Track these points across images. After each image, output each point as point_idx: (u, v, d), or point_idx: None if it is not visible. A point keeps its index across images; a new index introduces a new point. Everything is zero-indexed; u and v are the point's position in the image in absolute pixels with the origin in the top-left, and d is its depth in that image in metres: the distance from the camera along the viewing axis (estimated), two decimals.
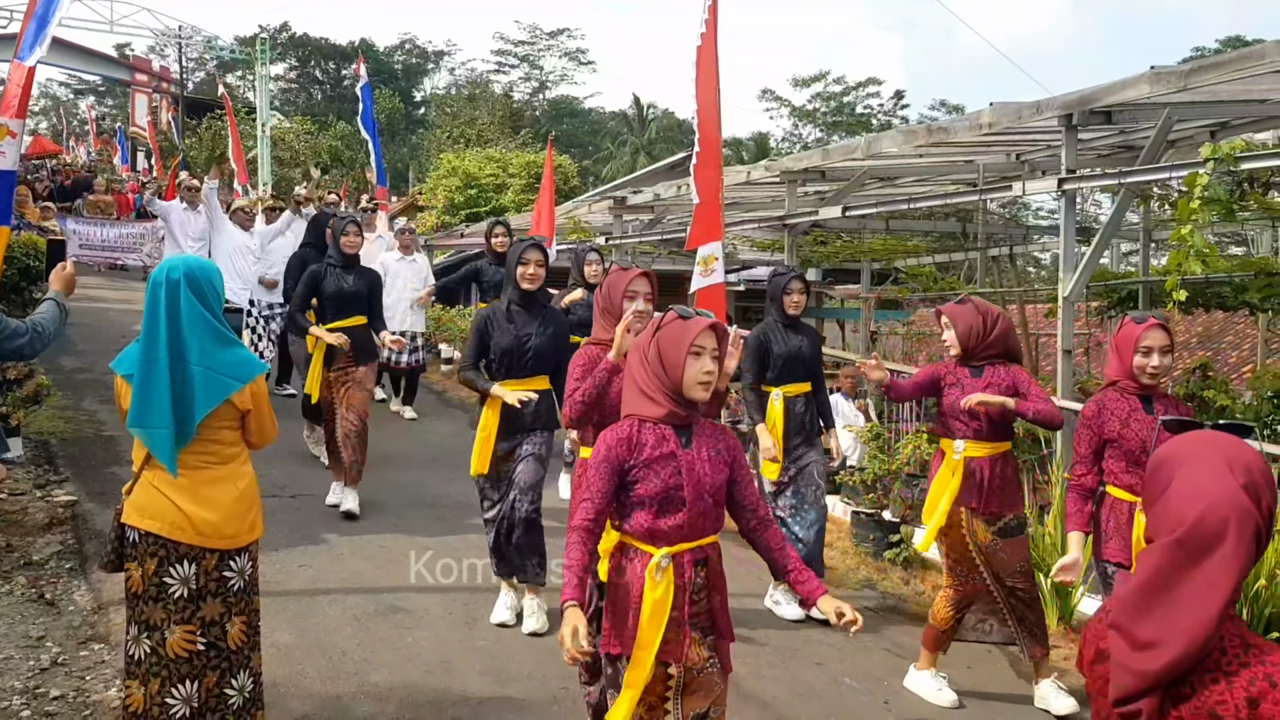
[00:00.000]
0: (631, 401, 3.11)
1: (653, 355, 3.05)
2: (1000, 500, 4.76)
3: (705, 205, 7.47)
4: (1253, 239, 14.12)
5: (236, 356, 3.46)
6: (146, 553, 3.37)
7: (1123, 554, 4.17)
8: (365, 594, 5.60)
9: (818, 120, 50.08)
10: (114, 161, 31.17)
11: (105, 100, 58.34)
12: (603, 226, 14.90)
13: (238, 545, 3.50)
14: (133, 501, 3.42)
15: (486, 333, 5.21)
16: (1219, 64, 6.12)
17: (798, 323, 6.05)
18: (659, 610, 2.96)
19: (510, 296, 5.27)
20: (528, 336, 5.18)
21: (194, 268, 3.46)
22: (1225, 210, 6.41)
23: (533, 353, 5.19)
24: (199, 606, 3.41)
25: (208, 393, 3.36)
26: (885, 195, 11.82)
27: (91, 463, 7.64)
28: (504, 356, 5.18)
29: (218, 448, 3.47)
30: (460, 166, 23.84)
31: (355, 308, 6.96)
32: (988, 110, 7.64)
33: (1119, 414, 4.24)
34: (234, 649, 3.50)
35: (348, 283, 6.97)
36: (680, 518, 2.99)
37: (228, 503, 3.45)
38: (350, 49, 56.34)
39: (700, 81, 7.40)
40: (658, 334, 3.07)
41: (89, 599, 5.34)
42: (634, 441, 3.02)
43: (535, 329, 5.21)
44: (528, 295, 5.25)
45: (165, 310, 3.35)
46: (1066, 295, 6.96)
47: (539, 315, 5.27)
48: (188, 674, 3.39)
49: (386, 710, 4.35)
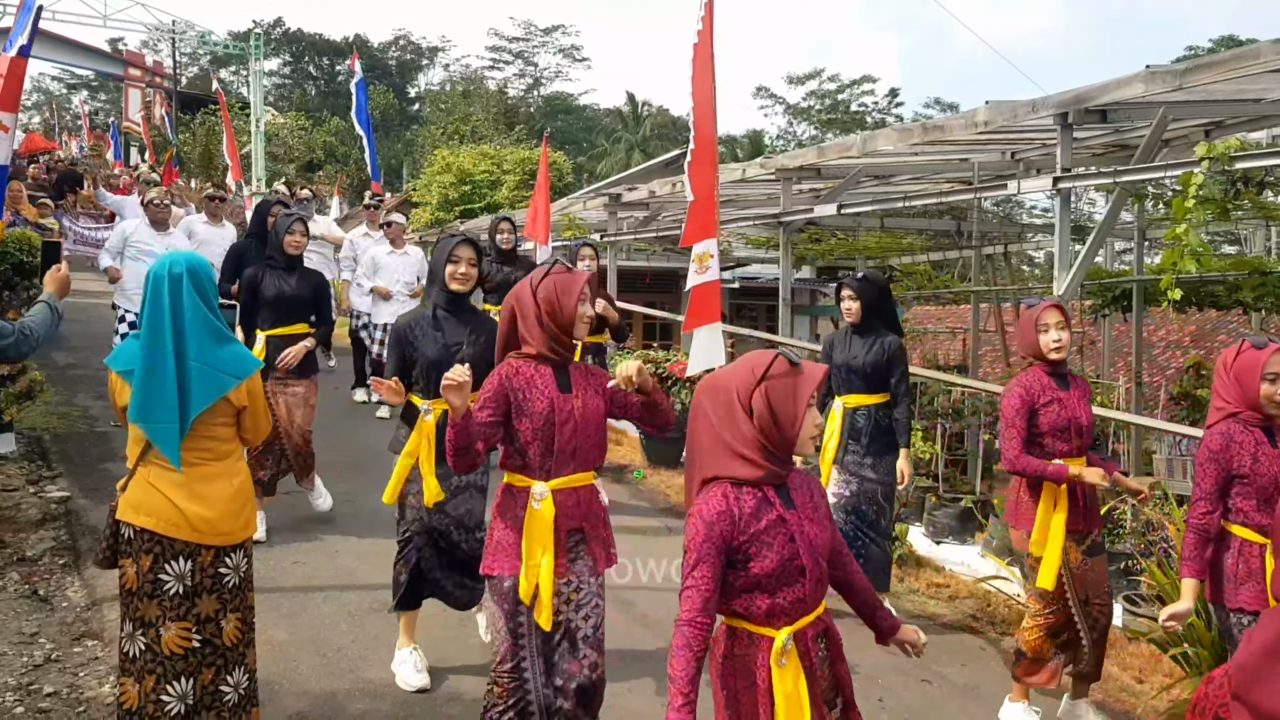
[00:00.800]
0: (716, 462, 2.60)
1: (760, 409, 2.55)
2: (1088, 516, 4.51)
3: (700, 202, 7.46)
4: (1245, 238, 14.17)
5: (233, 353, 3.47)
6: (141, 549, 3.37)
7: (1260, 601, 3.82)
8: (360, 591, 5.60)
9: (812, 118, 50.11)
10: (107, 157, 31.10)
11: (98, 95, 58.21)
12: (598, 223, 14.90)
13: (233, 542, 3.50)
14: (128, 498, 3.42)
15: (409, 343, 4.49)
16: (1214, 63, 6.13)
17: (869, 330, 5.64)
18: (794, 705, 2.53)
19: (436, 300, 4.54)
20: (457, 347, 4.45)
21: (195, 263, 3.47)
22: (1220, 209, 6.44)
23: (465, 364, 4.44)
24: (194, 603, 3.41)
25: (205, 389, 3.37)
26: (880, 193, 11.82)
27: (85, 459, 7.62)
28: (430, 370, 4.40)
29: (214, 444, 3.47)
30: (454, 163, 23.79)
31: (297, 313, 6.36)
32: (983, 108, 7.65)
33: (1247, 447, 3.83)
34: (229, 645, 3.50)
35: (290, 285, 6.32)
36: (801, 590, 2.58)
37: (224, 499, 3.45)
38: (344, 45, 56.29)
39: (696, 78, 7.39)
40: (764, 384, 2.56)
41: (82, 595, 5.33)
42: (736, 514, 2.55)
43: (466, 337, 4.49)
44: (457, 298, 4.54)
45: (169, 305, 3.36)
46: (1061, 294, 6.96)
47: (469, 321, 4.55)
48: (183, 671, 3.39)
49: (381, 707, 4.35)
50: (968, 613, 6.06)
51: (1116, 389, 11.62)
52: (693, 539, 2.54)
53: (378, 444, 8.41)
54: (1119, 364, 14.70)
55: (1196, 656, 4.84)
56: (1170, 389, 10.85)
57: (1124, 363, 13.97)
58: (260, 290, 6.29)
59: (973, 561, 7.06)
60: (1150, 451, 9.98)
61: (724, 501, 2.55)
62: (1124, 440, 10.41)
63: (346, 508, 6.94)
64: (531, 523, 3.47)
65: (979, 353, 15.20)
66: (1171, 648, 4.98)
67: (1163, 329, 18.43)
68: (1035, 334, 4.44)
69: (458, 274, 4.49)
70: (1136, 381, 11.17)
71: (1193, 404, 9.90)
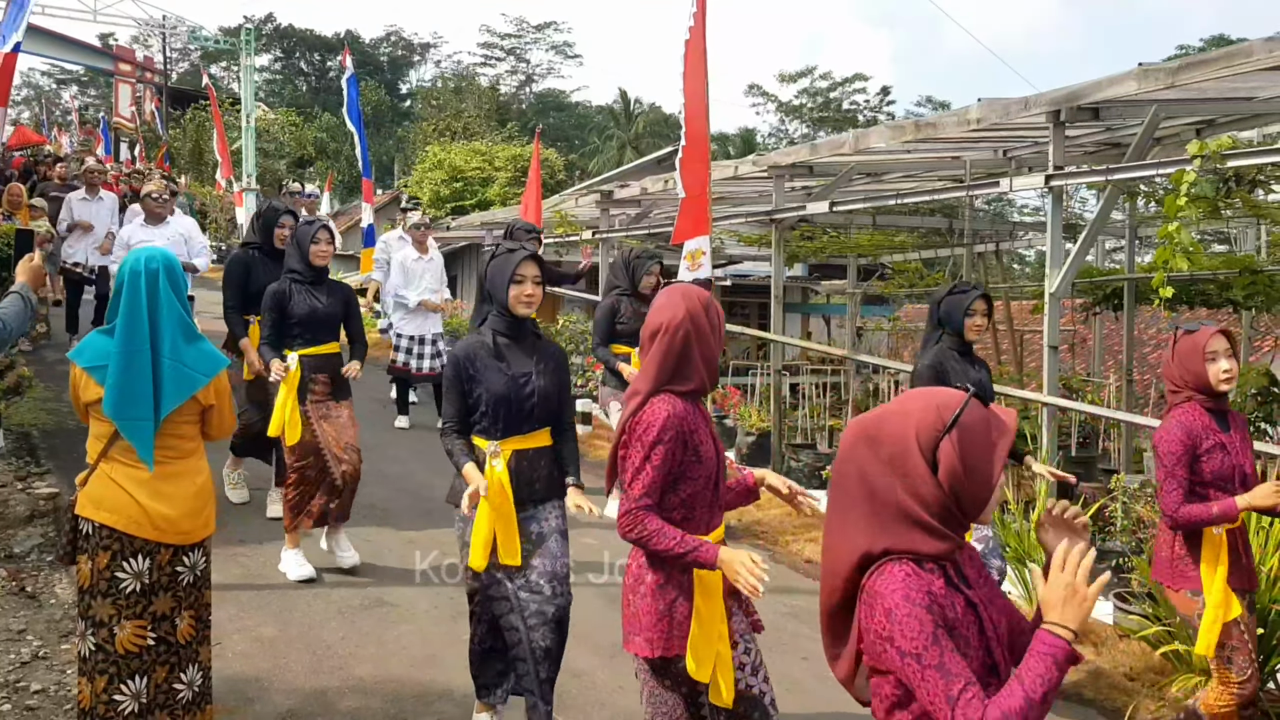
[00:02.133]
0: (887, 532, 2.03)
1: (951, 464, 2.00)
2: (1250, 570, 4.09)
3: (692, 199, 7.47)
4: (1236, 237, 14.20)
5: (202, 351, 3.46)
6: (99, 546, 3.34)
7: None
8: (350, 588, 5.58)
9: (804, 116, 50.18)
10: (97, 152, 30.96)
11: (88, 90, 58.00)
12: (589, 220, 14.88)
13: (193, 541, 3.48)
14: (88, 493, 3.39)
15: (469, 378, 3.79)
16: (1206, 61, 6.14)
17: (973, 349, 4.97)
18: None
19: (494, 325, 3.86)
20: (526, 378, 3.81)
21: (170, 260, 3.46)
22: (1211, 208, 6.45)
23: (537, 397, 3.81)
24: (150, 601, 3.39)
25: (176, 388, 3.36)
26: (872, 191, 11.83)
27: (73, 455, 7.57)
28: (497, 406, 3.77)
29: (178, 443, 3.45)
30: (446, 159, 23.80)
31: (330, 330, 5.78)
32: (976, 106, 7.65)
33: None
34: (183, 643, 3.47)
35: (320, 301, 5.71)
36: (996, 684, 2.02)
37: (186, 498, 3.43)
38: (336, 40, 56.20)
39: (688, 75, 7.39)
40: (955, 432, 2.02)
41: (70, 592, 5.29)
42: (934, 600, 1.98)
43: (535, 367, 3.84)
44: (519, 322, 3.86)
45: (146, 301, 3.33)
46: (1053, 292, 6.97)
47: (535, 348, 3.90)
48: (137, 669, 3.36)
49: (371, 704, 4.33)
50: None
51: (1107, 387, 11.63)
52: (914, 638, 1.92)
53: (369, 438, 8.41)
54: (1109, 362, 14.73)
55: (1187, 654, 4.84)
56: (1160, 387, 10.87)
57: (1114, 360, 14.00)
58: (290, 308, 5.66)
59: None
60: (1141, 449, 10.00)
61: (918, 582, 1.98)
62: (1114, 438, 10.42)
63: None
64: (702, 589, 3.02)
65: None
66: (1163, 645, 4.99)
67: (1153, 327, 18.49)
68: (1202, 363, 3.94)
69: (523, 296, 3.80)
70: (1127, 379, 11.18)
71: None
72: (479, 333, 3.87)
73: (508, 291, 3.77)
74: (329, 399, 5.67)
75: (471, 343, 3.83)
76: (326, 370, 5.71)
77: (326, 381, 5.69)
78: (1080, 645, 5.31)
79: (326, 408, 5.66)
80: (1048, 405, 6.91)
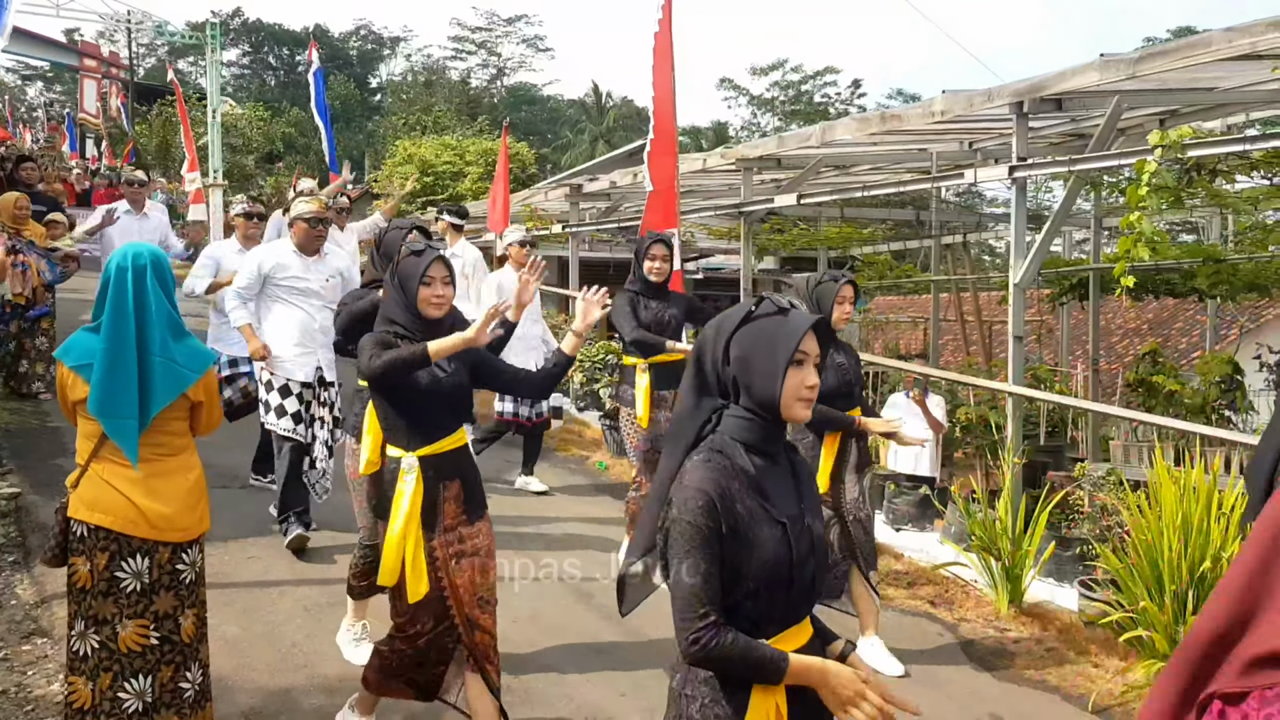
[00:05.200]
0: None
1: None
2: None
3: (660, 193, 7.47)
4: (1203, 227, 14.34)
5: (190, 348, 3.44)
6: (96, 547, 3.32)
7: None
8: (315, 585, 5.54)
9: (776, 109, 50.24)
10: (63, 149, 30.61)
11: (54, 86, 57.30)
12: (559, 214, 14.86)
13: (191, 537, 3.48)
14: (80, 495, 3.36)
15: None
16: (1166, 52, 6.18)
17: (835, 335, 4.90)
18: None
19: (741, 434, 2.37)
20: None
21: (157, 255, 3.43)
22: (1174, 197, 6.51)
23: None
24: (152, 600, 3.38)
25: (167, 385, 3.33)
26: (840, 183, 11.86)
27: (36, 454, 7.49)
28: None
29: (169, 439, 3.43)
30: (417, 154, 23.69)
31: (457, 414, 3.79)
32: (940, 98, 7.67)
33: None
34: (187, 642, 3.48)
35: (444, 369, 3.68)
36: None
37: (181, 494, 3.42)
38: (304, 35, 55.68)
39: (656, 69, 7.39)
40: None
41: (32, 593, 5.24)
42: None
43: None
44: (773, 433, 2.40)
45: (133, 298, 3.29)
46: (1017, 282, 7.01)
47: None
48: (141, 668, 3.36)
49: (337, 702, 4.30)
50: (926, 599, 6.10)
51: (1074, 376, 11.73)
52: None
53: None
54: (1077, 351, 14.85)
55: (1150, 640, 4.89)
56: (1126, 376, 10.97)
57: (1081, 350, 14.11)
58: (409, 380, 3.64)
59: (931, 548, 7.10)
60: (1108, 438, 10.08)
61: None
62: (1081, 427, 10.51)
63: None
64: None
65: (939, 341, 15.29)
66: (1126, 631, 5.03)
67: (1120, 317, 18.65)
68: None
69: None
70: (1094, 368, 11.28)
71: (1148, 390, 10.02)
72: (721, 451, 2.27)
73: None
74: (462, 521, 3.70)
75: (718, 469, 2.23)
76: (458, 474, 3.70)
77: (459, 494, 3.70)
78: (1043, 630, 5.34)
79: (459, 536, 3.67)
80: (1013, 395, 6.95)
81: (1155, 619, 4.83)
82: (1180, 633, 4.71)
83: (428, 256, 3.62)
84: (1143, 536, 5.01)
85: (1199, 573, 4.79)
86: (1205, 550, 4.81)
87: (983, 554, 5.98)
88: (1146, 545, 4.97)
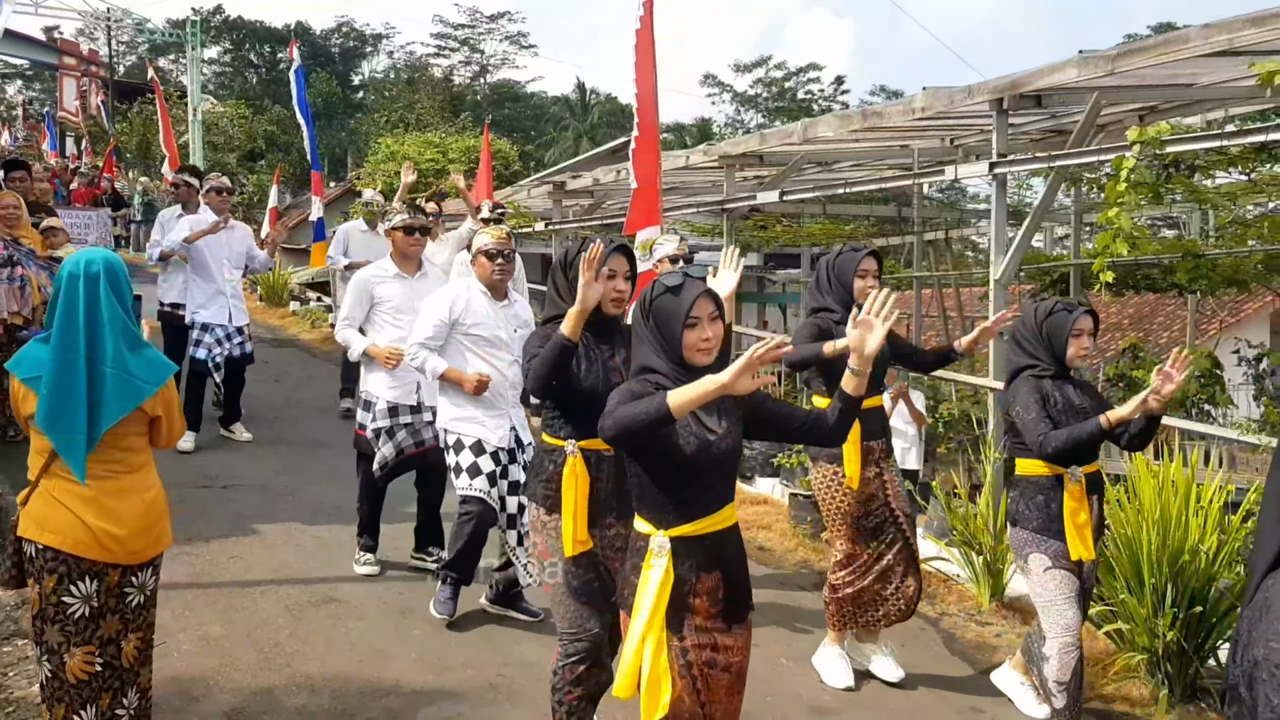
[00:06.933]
0: None
1: None
2: None
3: (643, 190, 7.46)
4: (1184, 222, 14.42)
5: (147, 359, 3.25)
6: (45, 569, 3.16)
7: None
8: (298, 584, 5.52)
9: (760, 106, 50.32)
10: (43, 147, 30.41)
11: (33, 85, 56.94)
12: (543, 211, 14.84)
13: (143, 560, 3.30)
14: (29, 513, 3.21)
15: None
16: (1145, 48, 6.22)
17: None
18: None
19: None
20: None
21: (112, 261, 3.25)
22: (1152, 193, 6.54)
23: None
24: (98, 625, 3.23)
25: (120, 398, 3.15)
26: (822, 180, 11.88)
27: (17, 456, 7.42)
28: None
29: (125, 455, 3.26)
30: (399, 151, 23.57)
31: None
32: (920, 95, 7.71)
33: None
34: (126, 667, 3.32)
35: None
36: None
37: (135, 515, 3.24)
38: (286, 32, 55.37)
39: (639, 66, 7.38)
40: None
41: (11, 594, 5.20)
42: None
43: None
44: None
45: (84, 307, 3.13)
46: (998, 278, 7.04)
47: None
48: (89, 698, 3.22)
49: (319, 701, 4.30)
50: None
51: None
52: None
53: (318, 434, 8.36)
54: None
55: (1130, 633, 4.93)
56: (1106, 371, 11.04)
57: None
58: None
59: None
60: None
61: None
62: None
63: (285, 500, 6.85)
64: None
65: (922, 337, 15.33)
66: (1106, 625, 5.07)
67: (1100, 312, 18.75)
68: None
69: None
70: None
71: (1129, 385, 10.08)
72: None
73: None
74: (717, 626, 2.90)
75: None
76: (720, 563, 2.93)
77: (718, 590, 2.91)
78: (1024, 624, 5.36)
79: (713, 638, 2.89)
80: (995, 390, 6.98)
81: (1134, 612, 4.86)
82: (1159, 625, 4.75)
83: (690, 293, 2.88)
84: (1122, 530, 5.05)
85: (1177, 566, 4.83)
86: (1184, 544, 4.85)
87: (964, 548, 6.02)
88: (1126, 539, 5.01)
